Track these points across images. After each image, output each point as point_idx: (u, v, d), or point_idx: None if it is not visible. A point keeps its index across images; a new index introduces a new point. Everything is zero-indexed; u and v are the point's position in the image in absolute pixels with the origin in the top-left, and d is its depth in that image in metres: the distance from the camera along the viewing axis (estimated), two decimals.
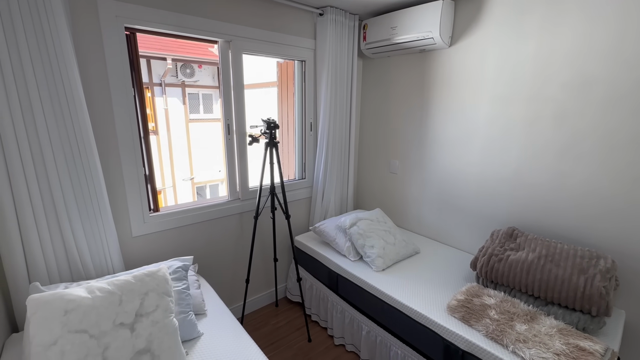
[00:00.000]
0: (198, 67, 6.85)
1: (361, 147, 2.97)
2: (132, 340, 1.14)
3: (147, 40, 5.68)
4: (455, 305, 1.56)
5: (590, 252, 1.53)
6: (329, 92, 2.42)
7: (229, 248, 2.30)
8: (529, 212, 1.91)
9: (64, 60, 1.35)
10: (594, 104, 1.60)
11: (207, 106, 7.41)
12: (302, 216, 2.72)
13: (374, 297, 1.84)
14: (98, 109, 1.61)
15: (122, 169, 1.73)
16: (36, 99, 1.32)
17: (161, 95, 6.62)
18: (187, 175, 7.15)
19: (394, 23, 2.20)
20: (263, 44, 2.14)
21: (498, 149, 2.00)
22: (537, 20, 1.73)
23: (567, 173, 1.73)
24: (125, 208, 1.78)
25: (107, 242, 1.62)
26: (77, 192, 1.50)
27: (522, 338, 1.33)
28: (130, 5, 1.60)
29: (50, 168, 1.40)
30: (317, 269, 2.29)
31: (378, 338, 1.87)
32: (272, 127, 1.96)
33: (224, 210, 2.19)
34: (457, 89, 2.15)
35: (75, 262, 1.52)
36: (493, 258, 1.69)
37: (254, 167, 2.30)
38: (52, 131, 1.38)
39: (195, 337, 1.43)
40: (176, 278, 1.51)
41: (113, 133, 1.68)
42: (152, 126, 6.43)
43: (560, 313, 1.47)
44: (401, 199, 2.68)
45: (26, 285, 1.41)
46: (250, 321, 2.42)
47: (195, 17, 1.81)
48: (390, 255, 2.03)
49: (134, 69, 1.73)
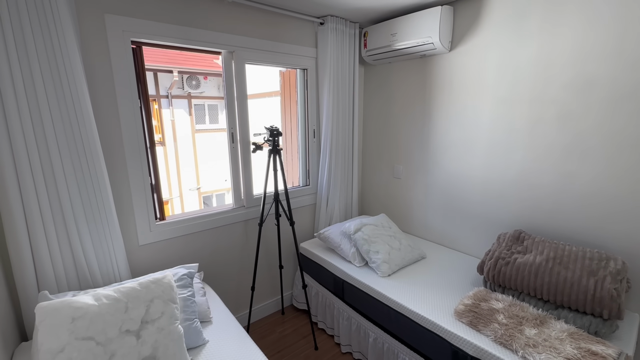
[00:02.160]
0: (204, 79, 6.98)
1: (364, 153, 2.97)
2: (138, 347, 1.14)
3: (154, 54, 5.83)
4: (462, 310, 1.54)
5: (599, 254, 1.50)
6: (331, 99, 2.45)
7: (234, 255, 2.31)
8: (535, 214, 1.89)
9: (73, 73, 1.40)
10: (597, 104, 1.59)
11: (212, 116, 7.53)
12: (307, 223, 2.72)
13: (380, 303, 1.82)
14: (105, 120, 1.66)
15: (129, 179, 1.76)
16: (46, 111, 1.37)
17: (168, 107, 6.75)
18: (193, 185, 7.22)
19: (394, 30, 2.23)
20: (265, 53, 2.19)
21: (502, 152, 1.99)
22: (536, 22, 1.74)
23: (572, 174, 1.71)
24: (132, 217, 1.81)
25: (114, 251, 1.64)
26: (85, 202, 1.53)
27: (531, 343, 1.30)
28: (136, 20, 1.65)
29: (60, 179, 1.43)
30: (323, 276, 2.28)
31: (385, 345, 1.85)
32: (275, 134, 1.98)
33: (229, 217, 2.21)
34: (459, 92, 2.16)
35: (83, 270, 1.55)
36: (500, 261, 1.66)
37: (258, 174, 2.32)
38: (61, 142, 1.42)
39: (200, 345, 1.43)
40: (181, 285, 1.52)
41: (120, 143, 1.71)
42: (159, 137, 6.54)
43: (570, 317, 1.44)
44: (406, 203, 2.67)
45: (35, 294, 1.43)
46: (256, 329, 2.41)
47: (198, 30, 1.86)
48: (396, 260, 2.02)
49: (140, 81, 1.77)
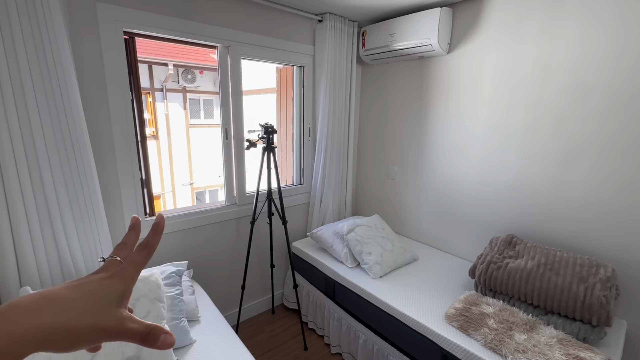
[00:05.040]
0: (199, 73, 6.89)
1: (359, 153, 2.96)
2: (122, 347, 1.11)
3: (149, 46, 5.73)
4: (453, 314, 1.53)
5: (590, 261, 1.51)
6: (328, 97, 2.42)
7: (225, 253, 2.28)
8: (528, 219, 1.89)
9: (61, 62, 1.35)
10: (594, 109, 1.60)
11: (207, 111, 7.44)
12: (300, 222, 2.70)
13: (371, 305, 1.81)
14: (95, 112, 1.61)
15: (118, 173, 1.72)
16: (32, 100, 1.32)
17: (162, 101, 6.65)
18: (186, 181, 7.14)
19: (393, 30, 2.22)
20: (262, 49, 2.15)
21: (497, 156, 1.99)
22: (535, 26, 1.74)
23: (566, 179, 1.72)
24: (121, 212, 1.77)
25: (100, 247, 1.60)
26: (71, 196, 1.48)
27: (521, 348, 1.30)
28: (129, 9, 1.61)
29: (45, 170, 1.39)
30: (314, 276, 2.26)
31: (375, 347, 1.84)
32: (269, 131, 1.95)
33: (221, 215, 2.18)
34: (456, 95, 2.15)
35: (68, 266, 1.51)
36: (492, 266, 1.66)
37: (251, 172, 2.29)
38: (47, 133, 1.38)
39: (187, 345, 1.41)
40: (169, 283, 1.49)
41: (109, 136, 1.67)
42: (153, 131, 6.45)
43: (560, 322, 1.44)
44: (399, 205, 2.66)
45: (17, 289, 1.39)
46: (246, 328, 2.39)
47: (193, 22, 1.82)
48: (388, 262, 2.01)
49: (132, 73, 1.73)
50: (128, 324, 0.30)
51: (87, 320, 0.28)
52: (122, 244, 0.37)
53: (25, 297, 0.27)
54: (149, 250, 0.36)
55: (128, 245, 0.37)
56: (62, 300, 0.28)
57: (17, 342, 0.24)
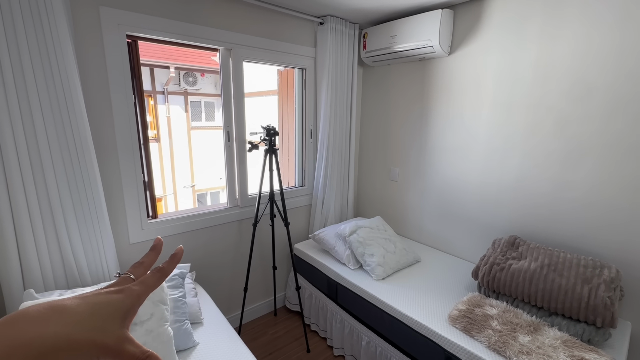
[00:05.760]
0: (201, 76, 6.92)
1: (361, 155, 2.96)
2: None
3: (151, 49, 5.76)
4: (456, 316, 1.53)
5: (593, 262, 1.50)
6: (329, 99, 2.43)
7: (228, 256, 2.28)
8: (530, 220, 1.89)
9: (65, 65, 1.36)
10: (595, 110, 1.59)
11: (209, 114, 7.46)
12: (302, 224, 2.69)
13: (374, 307, 1.80)
14: (98, 115, 1.62)
15: (121, 175, 1.73)
16: (36, 104, 1.33)
17: (164, 103, 6.68)
18: (188, 183, 7.15)
19: (394, 32, 2.22)
20: (264, 52, 2.16)
21: (499, 157, 1.99)
22: (537, 28, 1.74)
23: (569, 180, 1.72)
24: (124, 214, 1.77)
25: (104, 249, 1.60)
26: (74, 198, 1.49)
27: (525, 350, 1.30)
28: (132, 13, 1.62)
29: (48, 173, 1.39)
30: (317, 278, 2.26)
31: (378, 349, 1.83)
32: (271, 134, 1.96)
33: (223, 217, 2.18)
34: (457, 96, 2.15)
35: (71, 268, 1.51)
36: (495, 267, 1.66)
37: (253, 174, 2.29)
38: (51, 136, 1.38)
39: (190, 347, 1.40)
40: (172, 286, 1.49)
41: (112, 139, 1.68)
42: (154, 133, 6.47)
43: (564, 324, 1.44)
44: (401, 206, 2.66)
45: (20, 292, 1.39)
46: (248, 331, 2.38)
47: (196, 26, 1.83)
48: (391, 263, 2.00)
49: (135, 76, 1.74)
50: (126, 345, 0.30)
51: (88, 335, 0.28)
52: (139, 263, 0.37)
53: (35, 306, 0.27)
54: (161, 275, 0.36)
55: (144, 265, 0.38)
56: (69, 312, 0.28)
57: (18, 351, 0.24)
